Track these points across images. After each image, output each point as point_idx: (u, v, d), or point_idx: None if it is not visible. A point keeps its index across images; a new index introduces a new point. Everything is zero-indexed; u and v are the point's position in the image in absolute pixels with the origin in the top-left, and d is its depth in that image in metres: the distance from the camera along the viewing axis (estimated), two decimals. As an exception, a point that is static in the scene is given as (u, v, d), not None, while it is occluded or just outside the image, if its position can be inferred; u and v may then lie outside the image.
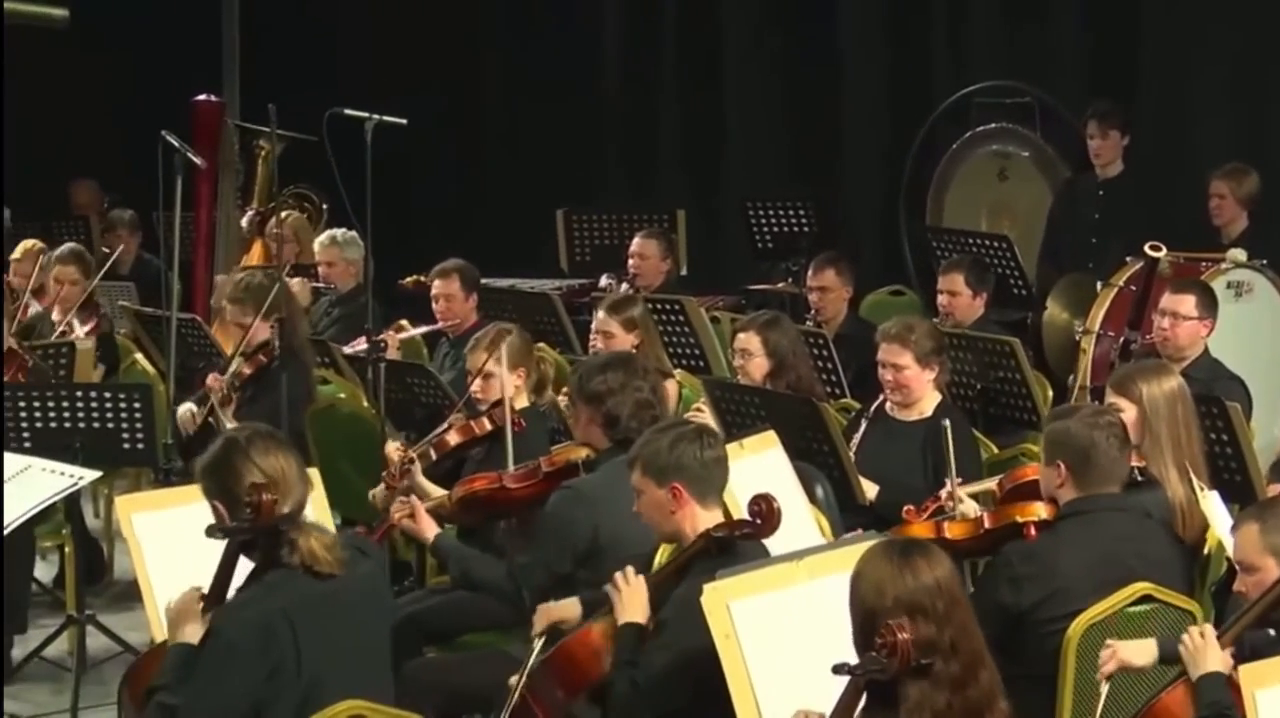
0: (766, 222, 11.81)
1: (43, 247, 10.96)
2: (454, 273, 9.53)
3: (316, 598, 4.66)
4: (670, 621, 4.93)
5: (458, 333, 9.39)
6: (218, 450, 4.85)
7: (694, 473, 5.14)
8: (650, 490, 5.17)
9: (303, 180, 12.54)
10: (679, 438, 5.18)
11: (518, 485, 6.41)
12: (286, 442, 4.92)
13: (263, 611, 4.60)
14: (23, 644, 8.03)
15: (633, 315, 8.30)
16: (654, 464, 5.16)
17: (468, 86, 14.74)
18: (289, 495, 4.73)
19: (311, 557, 4.67)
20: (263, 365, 8.39)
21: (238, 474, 4.73)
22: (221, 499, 4.78)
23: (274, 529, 4.69)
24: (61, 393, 7.91)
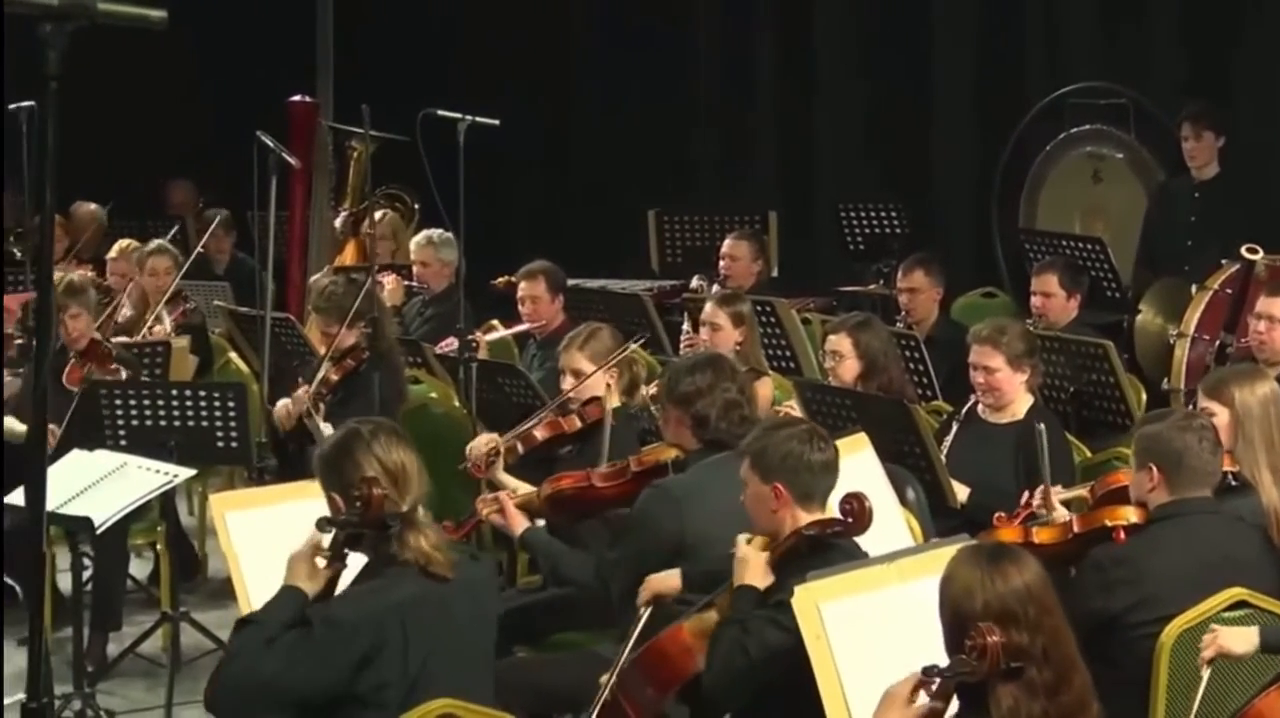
0: (858, 223, 11.79)
1: (138, 245, 11.07)
2: (540, 274, 9.56)
3: (429, 599, 4.67)
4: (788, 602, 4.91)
5: (544, 334, 9.42)
6: (339, 440, 4.87)
7: (798, 475, 5.13)
8: (755, 485, 5.17)
9: (395, 181, 12.59)
10: (790, 437, 5.17)
11: (606, 484, 6.41)
12: (408, 439, 4.91)
13: (379, 606, 4.62)
14: (118, 641, 8.10)
15: (741, 311, 8.34)
16: (762, 460, 5.16)
17: (561, 86, 14.77)
18: (407, 492, 4.74)
19: (425, 557, 4.68)
20: (351, 370, 8.44)
21: (357, 465, 4.74)
22: (338, 491, 4.79)
23: (382, 524, 4.70)
24: (157, 392, 7.97)
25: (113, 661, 7.94)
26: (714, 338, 8.24)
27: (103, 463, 6.95)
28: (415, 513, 4.75)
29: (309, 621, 4.62)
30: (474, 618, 4.85)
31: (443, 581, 4.70)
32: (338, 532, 4.76)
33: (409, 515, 4.73)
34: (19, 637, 8.20)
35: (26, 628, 8.06)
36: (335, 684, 4.57)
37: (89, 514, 6.62)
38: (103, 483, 6.81)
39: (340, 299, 8.56)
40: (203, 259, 12.75)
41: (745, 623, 4.96)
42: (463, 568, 4.80)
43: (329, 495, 4.85)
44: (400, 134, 9.25)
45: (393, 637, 4.60)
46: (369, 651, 4.57)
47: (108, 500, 6.72)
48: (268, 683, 4.53)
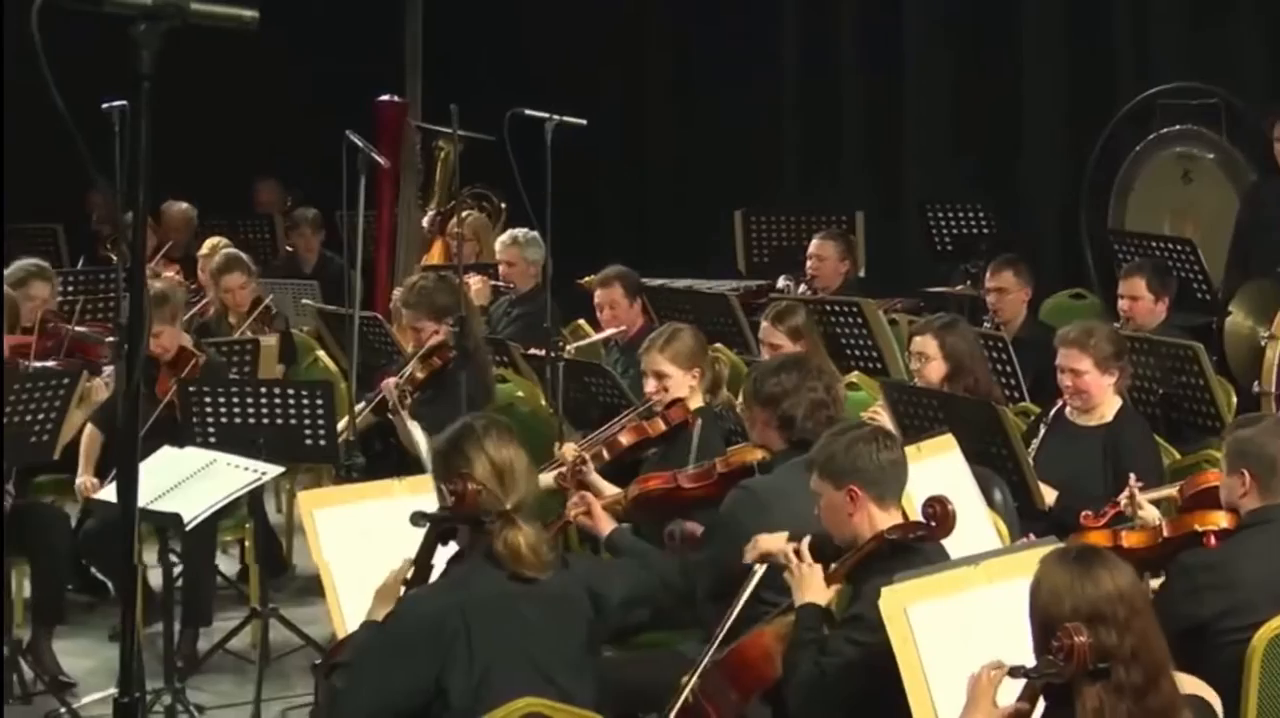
0: (946, 223, 11.75)
1: (227, 243, 11.15)
2: (615, 280, 9.56)
3: (504, 597, 4.67)
4: (865, 615, 4.90)
5: (625, 339, 9.42)
6: (452, 434, 4.90)
7: (870, 475, 5.12)
8: (828, 493, 5.16)
9: (482, 180, 12.63)
10: (855, 440, 5.16)
11: (692, 486, 6.42)
12: (518, 438, 4.94)
13: (440, 605, 4.64)
14: (207, 637, 8.15)
15: (797, 324, 8.27)
16: (831, 467, 5.15)
17: (649, 87, 14.78)
18: (513, 490, 4.76)
19: (515, 556, 4.69)
20: (438, 368, 8.47)
21: (466, 459, 4.77)
22: (443, 482, 4.83)
23: (475, 519, 4.71)
24: (246, 389, 8.02)
25: (202, 656, 7.99)
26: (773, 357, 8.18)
27: (192, 460, 6.99)
28: (517, 512, 4.75)
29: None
30: (557, 621, 4.82)
31: (530, 581, 4.71)
32: (430, 528, 4.79)
33: (509, 514, 4.73)
34: (110, 632, 8.32)
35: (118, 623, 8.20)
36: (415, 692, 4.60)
37: (178, 511, 6.67)
38: (192, 480, 6.86)
39: (430, 295, 8.59)
40: (291, 258, 12.86)
41: (822, 645, 4.95)
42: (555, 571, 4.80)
43: (438, 487, 4.89)
44: (488, 134, 9.28)
45: (455, 637, 4.61)
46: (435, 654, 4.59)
47: (197, 497, 6.76)
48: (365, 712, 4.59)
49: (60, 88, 3.51)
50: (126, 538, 3.79)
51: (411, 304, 8.68)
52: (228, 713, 7.51)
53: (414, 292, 8.71)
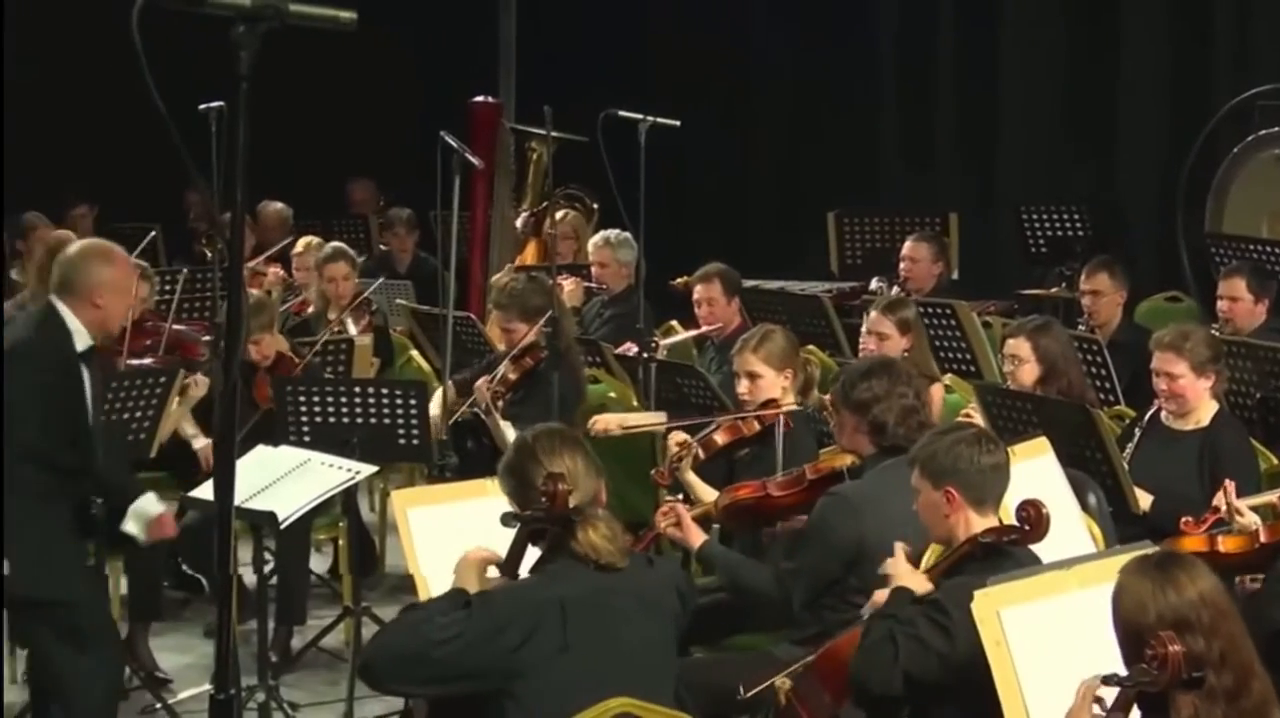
0: (1040, 226, 11.69)
1: (320, 243, 11.21)
2: (715, 277, 9.56)
3: (594, 591, 4.70)
4: (945, 600, 4.88)
5: (721, 337, 9.42)
6: (511, 455, 4.98)
7: (969, 477, 5.09)
8: (926, 491, 5.14)
9: (576, 181, 12.65)
10: (958, 441, 5.14)
11: (782, 493, 6.39)
12: (574, 438, 4.99)
13: (540, 597, 4.66)
14: (301, 634, 8.21)
15: (907, 317, 8.28)
16: (931, 466, 5.13)
17: (742, 87, 14.77)
18: (578, 490, 4.79)
19: (593, 549, 4.72)
20: (529, 369, 8.49)
21: (527, 475, 4.84)
22: (516, 498, 4.89)
23: (565, 519, 4.74)
24: (340, 389, 8.06)
25: (296, 654, 8.05)
26: (881, 346, 8.17)
27: (287, 459, 7.03)
28: (587, 507, 4.80)
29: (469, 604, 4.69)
30: (645, 619, 4.84)
31: (614, 571, 4.74)
32: (521, 528, 4.82)
33: (581, 509, 4.78)
34: (205, 629, 8.38)
35: (211, 620, 8.27)
36: (487, 670, 4.61)
37: (273, 509, 6.71)
38: (287, 478, 6.89)
39: (522, 296, 8.61)
40: (385, 258, 12.91)
41: (898, 617, 4.95)
42: (637, 570, 4.83)
43: (510, 502, 4.93)
44: (581, 135, 9.30)
45: (550, 628, 4.62)
46: (523, 639, 4.59)
47: (292, 496, 6.80)
48: (421, 653, 4.59)
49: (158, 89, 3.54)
50: (223, 536, 3.81)
51: (503, 305, 8.70)
52: (321, 711, 7.55)
53: (505, 293, 8.73)
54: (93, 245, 6.53)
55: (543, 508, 4.77)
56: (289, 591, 8.12)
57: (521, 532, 4.85)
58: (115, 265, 6.42)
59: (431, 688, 4.74)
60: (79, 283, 6.32)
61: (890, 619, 4.95)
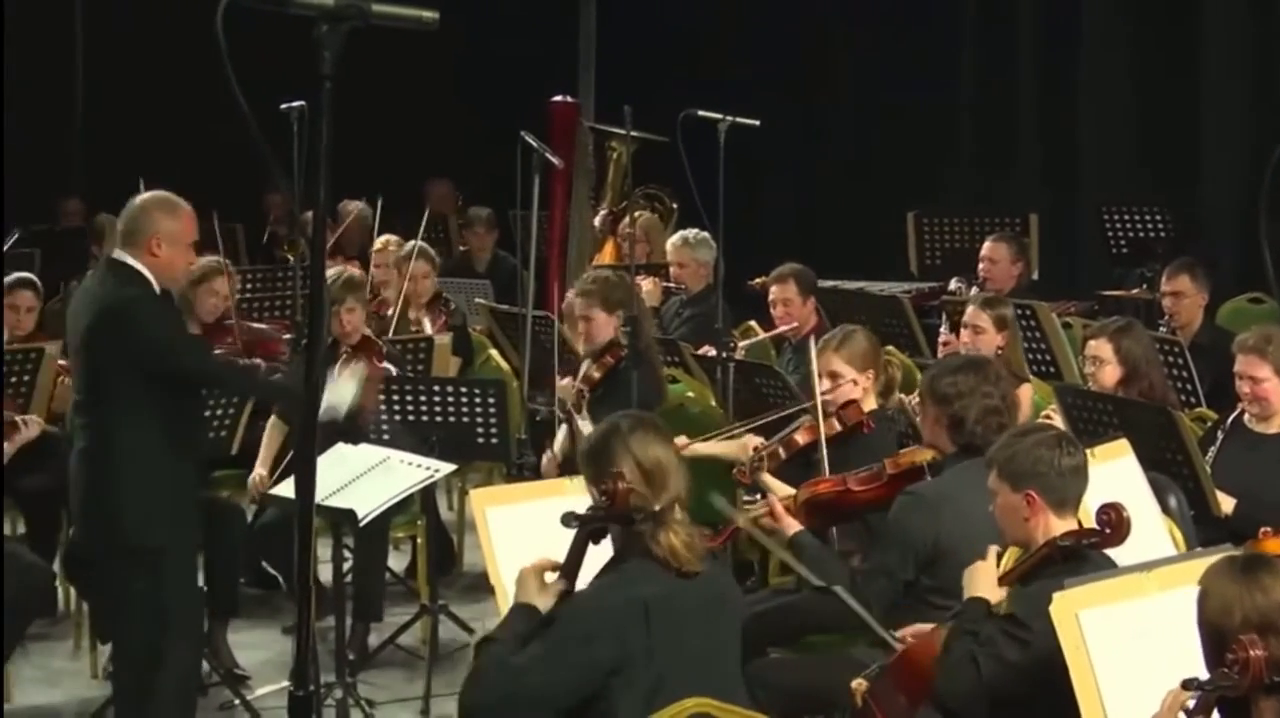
0: (1122, 226, 11.62)
1: (399, 242, 11.25)
2: (790, 277, 9.55)
3: (672, 593, 4.66)
4: (1022, 614, 4.87)
5: (797, 337, 9.40)
6: (600, 434, 4.91)
7: (1050, 480, 5.07)
8: (1005, 494, 5.12)
9: (654, 181, 12.66)
10: (1039, 443, 5.11)
11: (862, 489, 6.38)
12: (667, 433, 4.93)
13: (622, 599, 4.63)
14: (378, 632, 8.24)
15: (1004, 314, 8.28)
16: (1010, 468, 5.10)
17: (822, 87, 14.74)
18: (663, 489, 4.74)
19: (672, 553, 4.67)
20: (611, 367, 8.50)
21: (613, 459, 4.76)
22: (593, 483, 4.83)
23: (627, 519, 4.70)
24: (420, 387, 8.09)
25: (373, 651, 8.08)
26: (976, 340, 8.18)
27: (366, 457, 7.05)
28: (669, 512, 4.73)
29: (552, 620, 4.66)
30: (717, 612, 4.83)
31: (689, 577, 4.70)
32: (580, 528, 4.81)
33: (661, 514, 4.71)
34: (282, 626, 8.42)
35: (289, 618, 8.31)
36: (585, 683, 4.58)
37: (353, 507, 6.74)
38: (366, 477, 6.92)
39: (606, 286, 8.61)
40: (464, 257, 12.95)
41: (977, 634, 4.93)
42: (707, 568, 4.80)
43: (590, 488, 4.90)
44: (660, 134, 9.30)
45: (635, 632, 4.59)
46: (616, 646, 4.57)
47: (371, 494, 6.82)
48: (520, 692, 4.55)
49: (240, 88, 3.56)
50: (303, 534, 3.82)
51: (586, 293, 8.71)
52: (398, 708, 7.59)
53: (590, 281, 8.75)
54: (157, 196, 6.50)
55: (602, 507, 4.75)
56: (367, 588, 8.16)
57: (581, 532, 4.83)
58: (177, 218, 6.42)
59: (541, 715, 4.65)
60: (138, 231, 6.35)
61: (970, 637, 4.93)
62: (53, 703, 7.63)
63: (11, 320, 9.07)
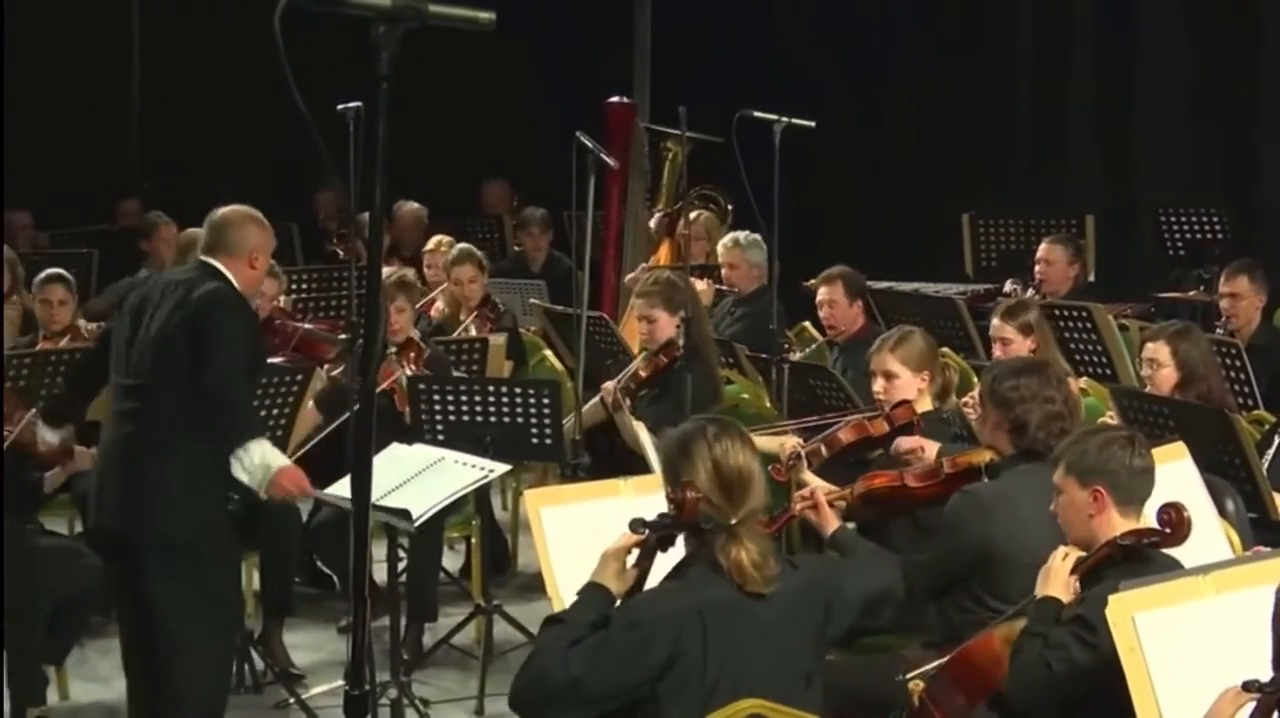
0: (1179, 228, 11.58)
1: (451, 242, 11.28)
2: (838, 279, 9.51)
3: (734, 605, 4.61)
4: (1090, 616, 4.85)
5: (844, 339, 9.38)
6: (683, 435, 4.80)
7: (1119, 478, 5.06)
8: (1071, 491, 5.11)
9: (709, 181, 12.65)
10: (1109, 441, 5.11)
11: (918, 485, 6.38)
12: (754, 445, 4.82)
13: (681, 607, 4.59)
14: (432, 632, 8.26)
15: (1029, 320, 8.17)
16: (1080, 464, 5.10)
17: (876, 88, 14.71)
18: (743, 502, 4.66)
19: (738, 570, 4.61)
20: (663, 367, 8.50)
21: (692, 464, 4.70)
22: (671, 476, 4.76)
23: (695, 529, 4.66)
24: (474, 388, 8.10)
25: (427, 651, 8.10)
26: (1005, 352, 8.08)
27: (421, 457, 7.07)
28: (742, 527, 4.65)
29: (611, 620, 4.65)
30: (787, 627, 4.74)
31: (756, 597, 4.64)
32: (649, 534, 4.79)
33: (735, 529, 4.64)
34: (337, 625, 8.45)
35: (344, 617, 8.33)
36: (637, 685, 4.55)
37: (407, 507, 6.75)
38: (420, 477, 6.93)
39: (668, 287, 8.62)
40: (519, 257, 12.97)
41: (1047, 637, 4.91)
42: (783, 578, 4.71)
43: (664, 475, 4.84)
44: (716, 135, 9.29)
45: (692, 638, 4.56)
46: (669, 652, 4.54)
47: (425, 494, 6.83)
48: (570, 685, 4.51)
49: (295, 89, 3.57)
50: (358, 534, 3.83)
51: (647, 293, 8.72)
52: (452, 708, 7.60)
53: (652, 282, 8.75)
54: (246, 210, 6.60)
55: (670, 516, 4.73)
56: (421, 588, 8.18)
57: (649, 538, 4.81)
58: (267, 230, 6.57)
59: (587, 711, 4.59)
60: (238, 244, 6.44)
61: (1039, 639, 4.92)
62: (109, 700, 7.66)
63: (45, 315, 9.18)
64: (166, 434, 6.27)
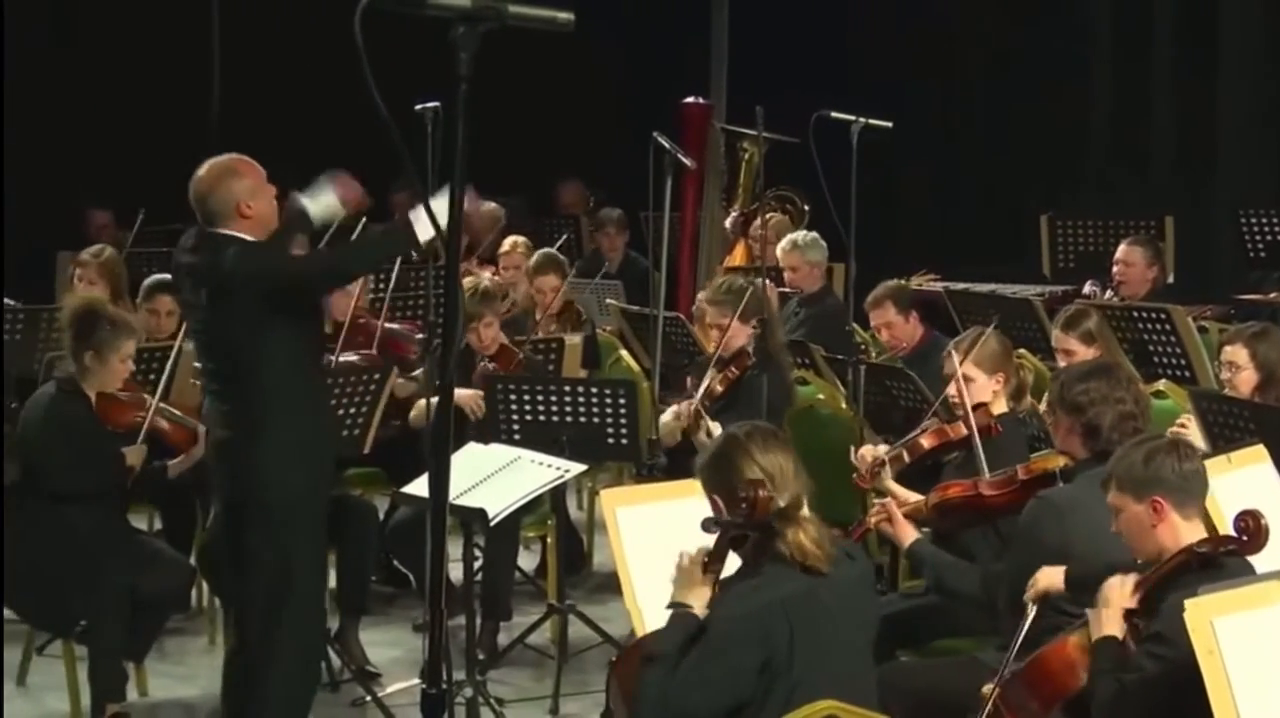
0: (1260, 229, 11.47)
1: (526, 243, 11.30)
2: (884, 300, 9.46)
3: (807, 594, 4.69)
4: (1165, 632, 4.83)
5: (908, 354, 9.33)
6: (718, 446, 4.95)
7: (1173, 484, 5.03)
8: (1129, 507, 5.08)
9: (786, 182, 12.64)
10: (1154, 451, 5.08)
11: (993, 493, 6.35)
12: (786, 439, 4.96)
13: (762, 603, 4.65)
14: (507, 631, 8.28)
15: (1089, 328, 8.11)
16: (1131, 479, 5.07)
17: (954, 89, 14.67)
18: (784, 491, 4.78)
19: (801, 552, 4.70)
20: (736, 379, 8.50)
21: (736, 470, 4.80)
22: (720, 493, 4.86)
23: (767, 525, 4.73)
24: (551, 388, 8.12)
25: (502, 650, 8.11)
26: (1070, 364, 8.04)
27: (497, 456, 7.09)
28: (793, 509, 4.77)
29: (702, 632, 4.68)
30: (851, 616, 4.84)
31: (819, 574, 4.72)
32: (721, 533, 4.81)
33: (786, 511, 4.76)
34: (413, 623, 8.47)
35: (419, 615, 8.35)
36: (740, 690, 4.63)
37: (483, 506, 6.77)
38: (496, 476, 6.95)
39: (740, 294, 8.62)
40: (595, 258, 12.98)
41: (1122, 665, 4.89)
42: (840, 566, 4.80)
43: (711, 498, 4.92)
44: (793, 136, 9.27)
45: (779, 633, 4.62)
46: (761, 650, 4.60)
47: (501, 493, 6.85)
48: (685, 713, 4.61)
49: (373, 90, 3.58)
50: (436, 532, 3.84)
51: (718, 301, 8.72)
52: (527, 707, 7.61)
53: (721, 290, 8.75)
54: (213, 169, 6.48)
55: (743, 514, 4.76)
56: (496, 587, 8.20)
57: (723, 538, 4.84)
58: (244, 174, 6.43)
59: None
60: (222, 204, 6.36)
61: (1110, 675, 4.90)
62: (188, 697, 7.72)
63: (153, 324, 9.13)
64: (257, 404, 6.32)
